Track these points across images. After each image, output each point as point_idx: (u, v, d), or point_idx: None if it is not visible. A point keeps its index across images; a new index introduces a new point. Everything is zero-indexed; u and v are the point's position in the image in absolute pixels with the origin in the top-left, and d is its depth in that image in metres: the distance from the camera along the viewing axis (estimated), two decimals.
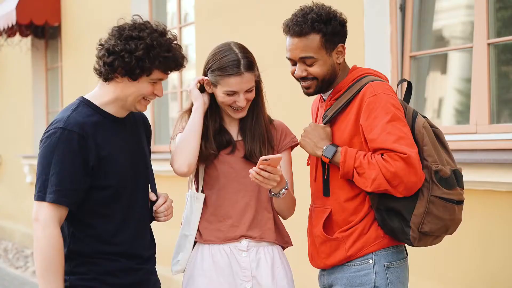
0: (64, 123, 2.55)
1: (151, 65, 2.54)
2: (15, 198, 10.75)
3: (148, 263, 2.75)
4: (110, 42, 2.55)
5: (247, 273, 2.87)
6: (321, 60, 2.70)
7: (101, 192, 2.59)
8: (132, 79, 2.57)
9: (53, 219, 2.51)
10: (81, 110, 2.61)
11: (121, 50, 2.51)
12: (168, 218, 2.79)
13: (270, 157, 2.64)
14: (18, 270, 8.58)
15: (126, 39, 2.53)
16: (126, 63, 2.52)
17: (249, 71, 2.83)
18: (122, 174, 2.62)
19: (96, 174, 2.57)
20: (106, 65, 2.55)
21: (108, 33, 2.60)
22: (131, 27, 2.57)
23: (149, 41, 2.52)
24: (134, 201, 2.68)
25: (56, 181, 2.50)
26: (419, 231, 2.59)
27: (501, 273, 3.78)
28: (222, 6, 6.02)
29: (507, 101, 4.25)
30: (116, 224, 2.63)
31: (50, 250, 2.50)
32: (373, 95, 2.63)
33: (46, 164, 2.52)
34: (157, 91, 2.64)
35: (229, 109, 2.88)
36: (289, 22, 2.72)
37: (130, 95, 2.61)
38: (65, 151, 2.51)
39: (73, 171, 2.51)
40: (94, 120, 2.59)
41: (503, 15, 4.25)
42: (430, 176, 2.59)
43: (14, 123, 10.89)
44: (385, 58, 4.50)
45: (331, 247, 2.72)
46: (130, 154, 2.68)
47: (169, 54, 2.57)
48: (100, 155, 2.56)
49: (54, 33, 9.73)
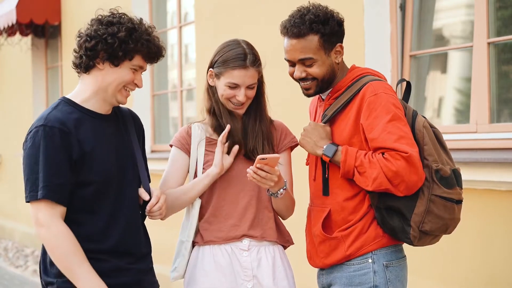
0: (44, 120, 2.55)
1: (134, 47, 2.57)
2: (15, 197, 10.75)
3: (140, 262, 2.71)
4: (90, 28, 2.60)
5: (248, 273, 2.86)
6: (320, 60, 2.71)
7: (86, 188, 2.58)
8: (114, 65, 2.59)
9: (54, 216, 2.50)
10: (61, 108, 2.62)
11: (104, 33, 2.56)
12: (162, 215, 2.77)
13: (267, 156, 2.65)
14: (18, 269, 8.58)
15: (107, 24, 2.58)
16: (109, 44, 2.55)
17: (253, 67, 2.84)
18: (106, 170, 2.61)
19: (80, 170, 2.56)
20: (88, 50, 2.57)
21: (87, 24, 2.64)
22: (110, 16, 2.63)
23: (130, 24, 2.58)
24: (122, 198, 2.65)
25: (44, 178, 2.49)
26: (419, 230, 2.59)
27: (500, 272, 3.78)
28: (222, 5, 6.02)
29: (507, 100, 4.25)
30: (104, 221, 2.61)
31: (63, 247, 2.49)
32: (373, 94, 2.63)
33: (33, 163, 2.52)
34: (137, 80, 2.66)
35: (228, 104, 2.88)
36: (286, 24, 2.72)
37: (111, 83, 2.61)
38: (49, 147, 2.51)
39: (58, 166, 2.51)
40: (75, 117, 2.59)
41: (503, 14, 4.25)
42: (430, 175, 2.59)
43: (14, 122, 10.89)
44: (385, 57, 4.50)
45: (330, 246, 2.72)
46: (115, 151, 2.67)
47: (149, 37, 2.61)
48: (83, 150, 2.56)
49: (54, 32, 9.73)
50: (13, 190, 10.87)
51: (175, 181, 2.93)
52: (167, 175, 2.95)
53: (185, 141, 2.95)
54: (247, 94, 2.86)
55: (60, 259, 2.50)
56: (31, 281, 7.79)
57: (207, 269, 2.88)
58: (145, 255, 2.75)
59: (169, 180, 2.93)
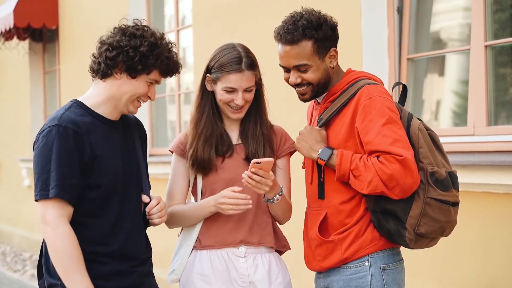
0: (58, 120, 2.57)
1: (154, 62, 2.59)
2: (13, 202, 10.74)
3: (142, 266, 2.74)
4: (113, 38, 2.60)
5: (244, 279, 2.86)
6: (315, 66, 2.71)
7: (94, 191, 2.59)
8: (131, 77, 2.61)
9: (61, 217, 2.52)
10: (74, 110, 2.63)
11: (126, 45, 2.57)
12: (163, 220, 2.79)
13: (261, 161, 2.65)
14: (16, 274, 8.56)
15: (130, 36, 2.59)
16: (130, 57, 2.57)
17: (249, 70, 2.84)
18: (113, 174, 2.63)
19: (89, 173, 2.57)
20: (108, 60, 2.59)
21: (109, 31, 2.64)
22: (133, 27, 2.63)
23: (153, 39, 2.59)
24: (127, 202, 2.68)
25: (56, 177, 2.51)
26: (415, 232, 2.59)
27: (499, 275, 3.78)
28: (220, 9, 6.02)
29: (504, 103, 4.25)
30: (109, 224, 2.63)
31: (67, 249, 2.50)
32: (368, 98, 2.63)
33: (45, 162, 2.53)
34: (151, 93, 2.69)
35: (227, 108, 2.88)
36: (280, 30, 2.72)
37: (126, 93, 2.64)
38: (62, 147, 2.53)
39: (71, 166, 2.53)
40: (87, 120, 2.61)
41: (500, 17, 4.26)
42: (426, 178, 2.59)
43: (11, 126, 10.88)
44: (383, 60, 4.50)
45: (327, 249, 2.72)
46: (122, 156, 2.69)
47: (170, 54, 2.63)
48: (94, 153, 2.58)
49: (51, 36, 9.72)
50: (11, 194, 10.86)
51: (180, 191, 2.96)
52: (171, 187, 2.97)
53: (184, 146, 2.95)
54: (245, 98, 2.86)
55: (61, 260, 2.51)
56: (29, 285, 7.78)
57: (204, 273, 2.88)
58: (147, 259, 2.79)
59: (175, 193, 2.96)
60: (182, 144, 2.95)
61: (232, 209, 2.77)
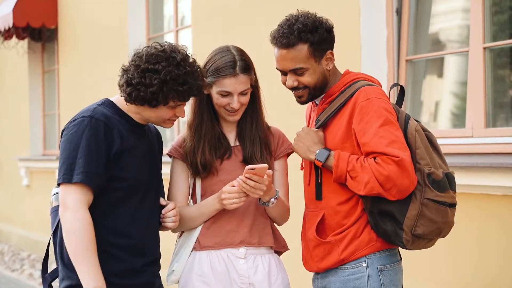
0: (91, 112, 2.65)
1: (166, 98, 2.62)
2: (12, 201, 10.74)
3: (153, 265, 2.80)
4: (129, 71, 2.64)
5: (244, 280, 2.87)
6: (311, 69, 2.71)
7: (120, 183, 2.66)
8: (152, 106, 2.66)
9: (82, 202, 2.57)
10: (106, 107, 2.72)
11: (138, 83, 2.61)
12: (175, 225, 2.84)
13: (256, 167, 2.67)
14: (14, 273, 8.56)
15: (143, 72, 2.61)
16: (142, 96, 2.61)
17: (244, 73, 2.83)
18: (138, 170, 2.70)
19: (115, 165, 2.64)
20: (126, 94, 2.65)
21: (131, 58, 2.66)
22: (148, 57, 2.62)
23: (163, 76, 2.59)
24: (146, 201, 2.75)
25: (83, 163, 2.57)
26: (412, 233, 2.60)
27: (498, 276, 3.78)
28: (219, 9, 6.03)
29: (503, 104, 4.26)
30: (129, 218, 2.69)
31: (84, 232, 2.53)
32: (365, 99, 2.64)
33: (73, 148, 2.59)
34: (179, 113, 2.72)
35: (223, 111, 2.88)
36: (275, 34, 2.72)
37: (151, 118, 2.72)
38: (92, 137, 2.60)
39: (98, 156, 2.60)
40: (117, 117, 2.70)
41: (499, 19, 4.26)
42: (422, 179, 2.59)
43: (10, 126, 10.88)
44: (382, 61, 4.50)
45: (324, 250, 2.73)
46: (147, 156, 2.76)
47: (184, 87, 2.62)
48: (123, 146, 2.65)
49: (51, 35, 9.72)
50: (10, 193, 10.86)
51: (182, 194, 2.96)
52: (172, 191, 2.98)
53: (183, 150, 2.96)
54: (241, 101, 2.85)
55: (77, 244, 2.53)
56: (27, 284, 7.77)
57: (203, 274, 2.88)
58: (158, 259, 2.85)
59: (177, 196, 2.96)
60: (181, 147, 2.96)
61: (234, 202, 2.78)
